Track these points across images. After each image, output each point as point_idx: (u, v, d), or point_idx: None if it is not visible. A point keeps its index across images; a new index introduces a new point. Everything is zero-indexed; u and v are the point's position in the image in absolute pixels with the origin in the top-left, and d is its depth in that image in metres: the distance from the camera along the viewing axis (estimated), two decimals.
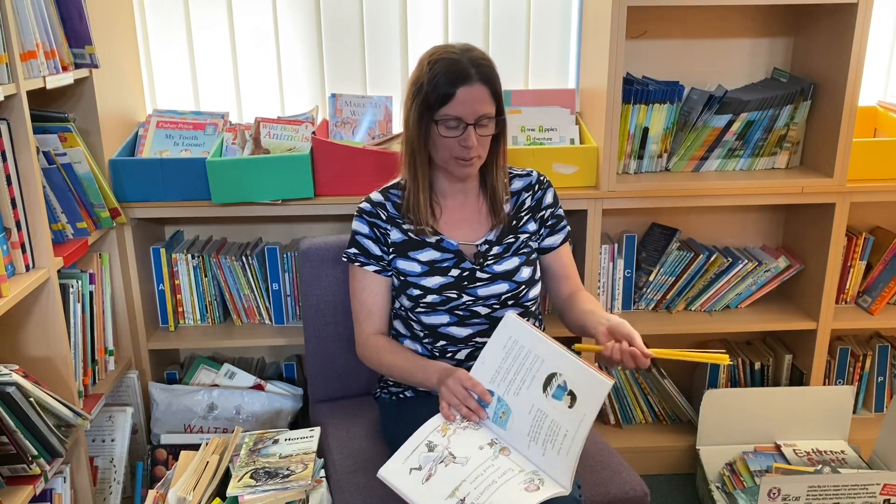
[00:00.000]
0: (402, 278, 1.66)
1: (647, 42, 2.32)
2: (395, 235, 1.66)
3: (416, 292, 1.63)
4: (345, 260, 1.70)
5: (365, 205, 1.69)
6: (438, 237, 1.65)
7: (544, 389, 1.43)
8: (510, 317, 1.51)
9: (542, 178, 1.74)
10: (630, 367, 1.47)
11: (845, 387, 2.31)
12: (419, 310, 1.65)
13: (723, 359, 1.42)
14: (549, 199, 1.73)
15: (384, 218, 1.67)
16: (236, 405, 2.16)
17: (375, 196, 1.69)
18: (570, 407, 1.39)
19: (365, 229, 1.67)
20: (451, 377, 1.50)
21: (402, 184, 1.68)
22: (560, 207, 1.75)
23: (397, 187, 1.70)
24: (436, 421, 1.47)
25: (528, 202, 1.71)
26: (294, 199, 2.09)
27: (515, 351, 1.48)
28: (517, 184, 1.72)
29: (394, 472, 1.39)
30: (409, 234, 1.66)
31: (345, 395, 1.98)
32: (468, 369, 1.56)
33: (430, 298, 1.63)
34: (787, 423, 2.25)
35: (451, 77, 1.52)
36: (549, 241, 1.73)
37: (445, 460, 1.39)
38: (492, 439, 1.45)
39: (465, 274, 1.64)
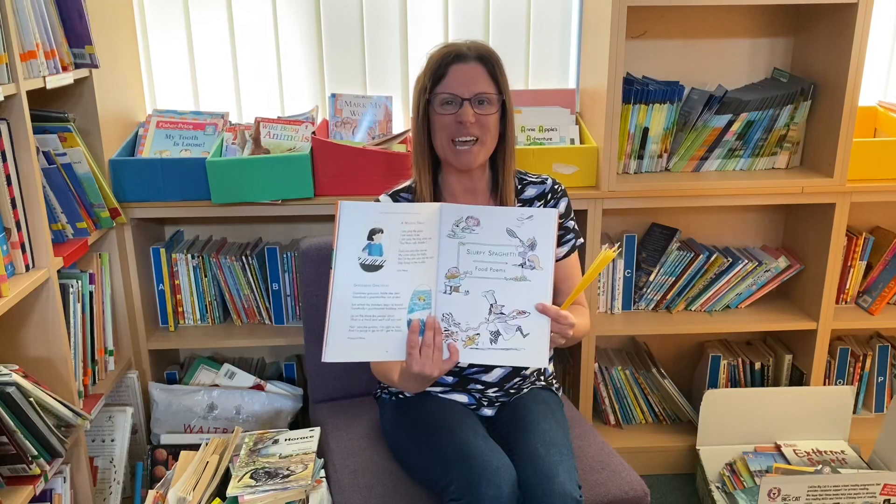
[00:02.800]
0: None
1: (647, 42, 2.32)
2: None
3: None
4: None
5: None
6: None
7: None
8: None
9: (556, 186, 1.70)
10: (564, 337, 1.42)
11: (845, 387, 2.31)
12: None
13: (608, 255, 1.35)
14: (560, 209, 1.68)
15: None
16: (236, 405, 2.16)
17: (384, 198, 1.68)
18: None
19: None
20: (408, 370, 1.38)
21: (412, 187, 1.67)
22: (571, 219, 1.70)
23: (408, 191, 1.68)
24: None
25: None
26: (294, 199, 2.09)
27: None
28: (530, 191, 1.69)
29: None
30: None
31: (345, 395, 1.98)
32: (468, 374, 1.55)
33: None
34: (787, 423, 2.25)
35: (445, 58, 1.53)
36: None
37: None
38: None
39: None
